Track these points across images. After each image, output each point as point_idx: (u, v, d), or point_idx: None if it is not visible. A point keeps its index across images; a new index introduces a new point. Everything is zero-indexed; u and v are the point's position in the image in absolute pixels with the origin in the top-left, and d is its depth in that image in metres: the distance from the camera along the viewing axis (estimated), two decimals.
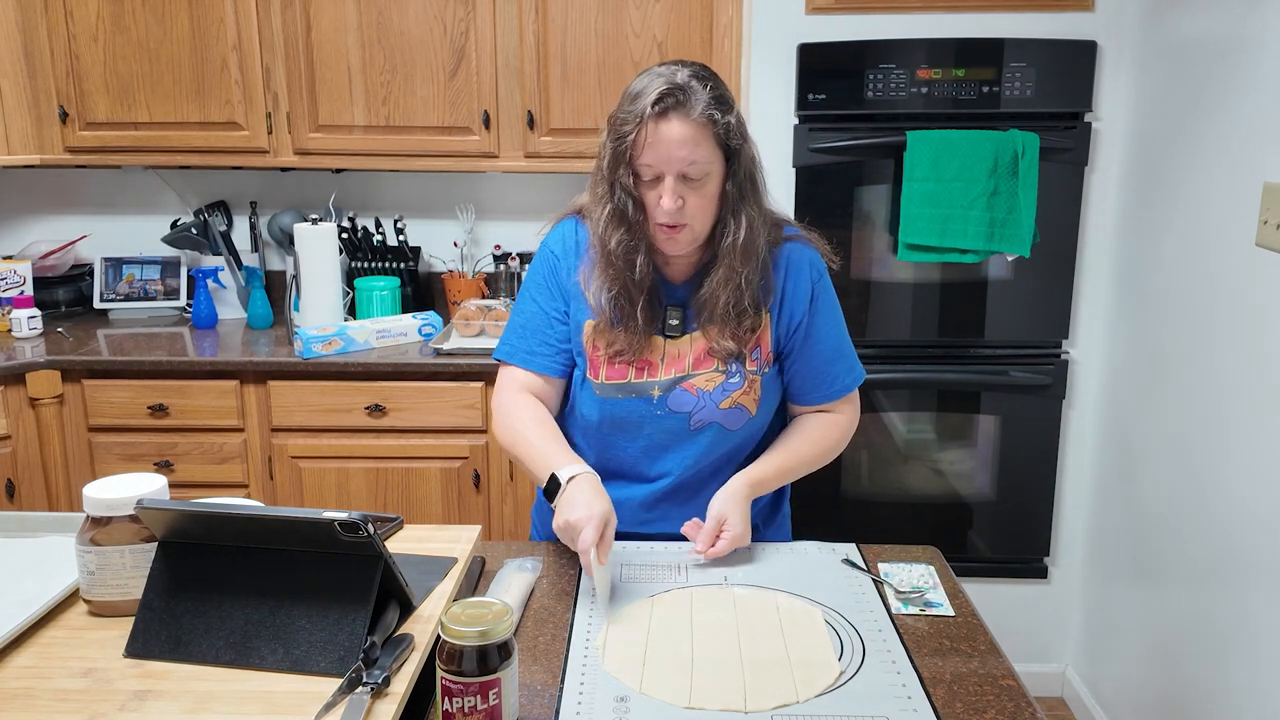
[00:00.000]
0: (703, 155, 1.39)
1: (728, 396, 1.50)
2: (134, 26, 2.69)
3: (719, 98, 1.41)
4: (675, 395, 1.50)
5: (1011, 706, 1.12)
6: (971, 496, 2.71)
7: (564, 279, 1.57)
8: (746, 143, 1.45)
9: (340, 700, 0.99)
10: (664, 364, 1.51)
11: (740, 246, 1.45)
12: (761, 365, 1.52)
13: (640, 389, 1.51)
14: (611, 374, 1.52)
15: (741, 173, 1.44)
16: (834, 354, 1.57)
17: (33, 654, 1.09)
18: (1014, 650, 1.45)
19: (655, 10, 2.63)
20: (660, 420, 1.52)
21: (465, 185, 3.08)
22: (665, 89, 1.38)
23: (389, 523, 1.41)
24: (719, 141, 1.41)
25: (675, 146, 1.38)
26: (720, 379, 1.50)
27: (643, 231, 1.46)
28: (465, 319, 2.70)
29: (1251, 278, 1.93)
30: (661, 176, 1.41)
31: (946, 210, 2.42)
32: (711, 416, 1.51)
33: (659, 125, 1.38)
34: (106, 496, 1.15)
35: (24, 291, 2.87)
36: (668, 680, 1.15)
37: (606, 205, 1.46)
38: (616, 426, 1.54)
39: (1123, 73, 2.46)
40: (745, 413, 1.52)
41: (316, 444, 2.63)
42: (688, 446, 1.53)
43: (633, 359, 1.51)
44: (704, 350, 1.50)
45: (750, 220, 1.45)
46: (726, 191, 1.44)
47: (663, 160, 1.39)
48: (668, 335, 1.52)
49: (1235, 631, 1.97)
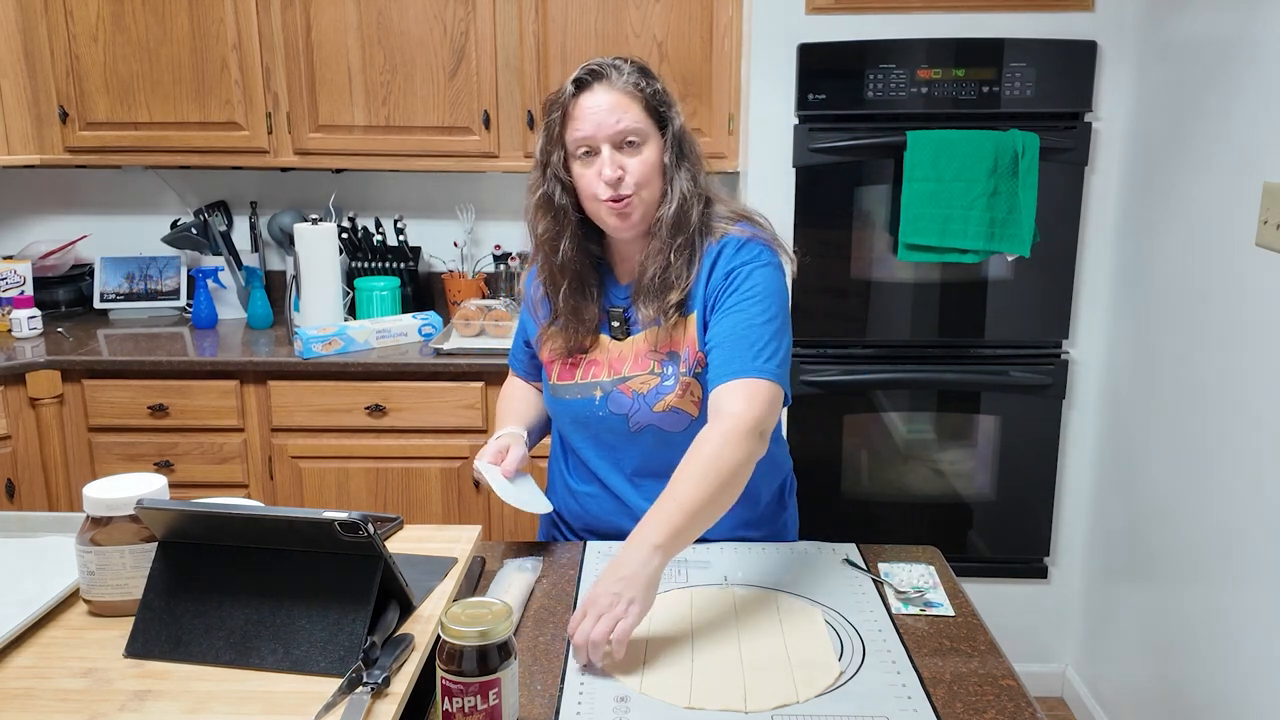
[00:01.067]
0: (633, 119, 1.40)
1: (660, 400, 1.47)
2: (134, 26, 2.69)
3: (643, 71, 1.44)
4: (614, 397, 1.50)
5: (1011, 706, 1.12)
6: (971, 496, 2.71)
7: (531, 292, 1.62)
8: (678, 115, 1.46)
9: (340, 700, 0.99)
10: (608, 365, 1.51)
11: (670, 217, 1.44)
12: (692, 366, 1.46)
13: (585, 389, 1.52)
14: (563, 374, 1.54)
15: (675, 142, 1.44)
16: (737, 336, 1.38)
17: (33, 654, 1.09)
18: (1014, 650, 1.45)
19: (655, 10, 2.63)
20: (604, 421, 1.51)
21: (465, 185, 3.08)
22: (589, 66, 1.43)
23: (389, 523, 1.41)
24: (648, 108, 1.42)
25: (605, 114, 1.40)
26: (655, 381, 1.48)
27: (569, 217, 1.47)
28: (465, 319, 2.70)
29: (1251, 278, 1.93)
30: (597, 150, 1.41)
31: (946, 210, 2.42)
32: (648, 419, 1.48)
33: (583, 97, 1.41)
34: (106, 496, 1.16)
35: (24, 291, 2.87)
36: (668, 680, 1.15)
37: (537, 191, 1.48)
38: (573, 426, 1.57)
39: (1123, 73, 2.46)
40: (686, 416, 1.48)
41: (316, 444, 2.63)
42: (630, 448, 1.52)
43: (572, 358, 1.53)
44: (643, 352, 1.49)
45: (683, 192, 1.44)
46: (664, 163, 1.44)
47: (594, 128, 1.40)
48: (614, 337, 1.52)
49: (1235, 631, 1.97)
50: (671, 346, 1.47)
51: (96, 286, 3.04)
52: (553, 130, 1.44)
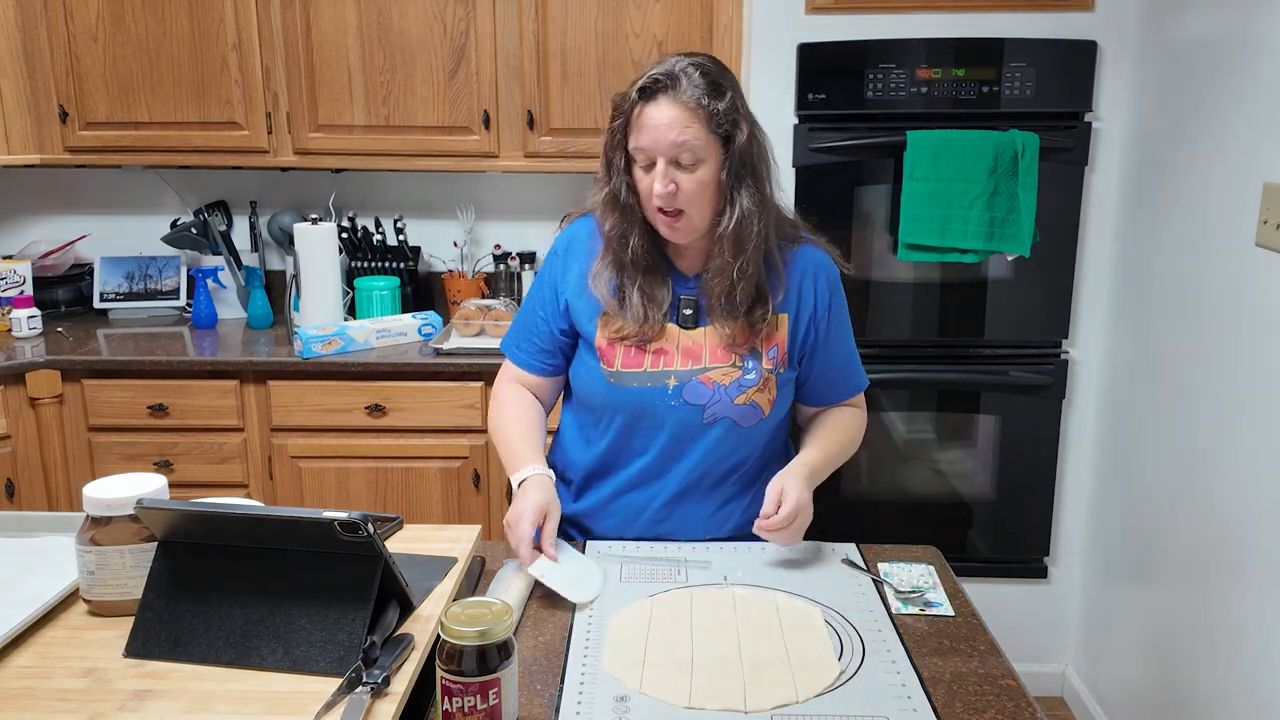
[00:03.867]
0: (692, 138, 1.40)
1: (743, 392, 1.50)
2: (134, 26, 2.69)
3: (714, 84, 1.42)
4: (691, 387, 1.50)
5: (1011, 706, 1.12)
6: (971, 496, 2.71)
7: (559, 278, 1.58)
8: (744, 131, 1.44)
9: (340, 700, 0.99)
10: (680, 354, 1.51)
11: (730, 235, 1.45)
12: (777, 365, 1.52)
13: (656, 378, 1.51)
14: (627, 362, 1.52)
15: (737, 160, 1.44)
16: (849, 356, 1.62)
17: (33, 654, 1.09)
18: (1014, 650, 1.45)
19: (655, 10, 2.63)
20: (674, 411, 1.51)
21: (465, 185, 3.08)
22: (657, 74, 1.41)
23: (389, 523, 1.41)
24: (711, 127, 1.41)
25: (665, 129, 1.40)
26: (736, 374, 1.50)
27: (635, 215, 1.48)
28: (465, 319, 2.70)
29: (1251, 278, 1.93)
30: (655, 161, 1.42)
31: (946, 210, 2.42)
32: (725, 411, 1.50)
33: (647, 107, 1.41)
34: (106, 496, 1.16)
35: (24, 291, 2.87)
36: (668, 680, 1.15)
37: (604, 189, 1.50)
38: (631, 417, 1.54)
39: (1123, 73, 2.46)
40: (758, 412, 1.52)
41: (316, 444, 2.63)
42: (699, 440, 1.53)
43: (643, 344, 1.51)
44: (721, 344, 1.51)
45: (743, 210, 1.44)
46: (721, 180, 1.44)
47: (652, 144, 1.41)
48: (683, 326, 1.52)
49: (1235, 631, 1.97)
50: (752, 343, 1.50)
51: (96, 286, 3.04)
52: (616, 134, 1.47)
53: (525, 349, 1.62)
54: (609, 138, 1.48)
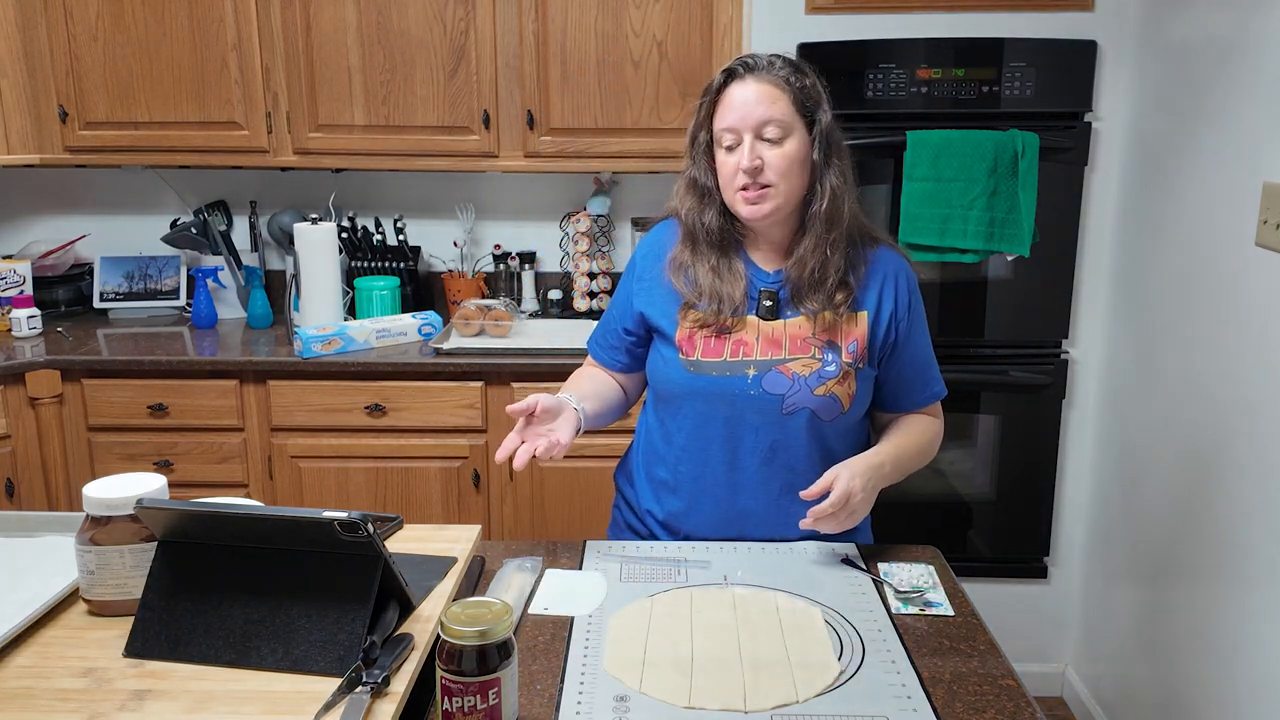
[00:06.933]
0: (779, 113, 1.44)
1: (823, 384, 1.50)
2: (134, 26, 2.69)
3: (797, 68, 1.48)
4: (770, 376, 1.51)
5: (1011, 706, 1.12)
6: (971, 496, 2.71)
7: (633, 279, 1.63)
8: (828, 113, 1.49)
9: (340, 700, 0.99)
10: (760, 345, 1.52)
11: (824, 212, 1.48)
12: (857, 359, 1.52)
13: (735, 367, 1.52)
14: (707, 352, 1.53)
15: (825, 139, 1.48)
16: (927, 360, 1.63)
17: (33, 654, 1.09)
18: (1014, 650, 1.45)
19: (655, 10, 2.63)
20: (753, 400, 1.51)
21: (465, 185, 3.08)
22: (741, 59, 1.48)
23: (389, 523, 1.41)
24: (796, 104, 1.46)
25: (752, 105, 1.44)
26: (816, 365, 1.51)
27: (714, 199, 1.52)
28: (465, 319, 2.70)
29: (1251, 278, 1.93)
30: (740, 140, 1.45)
31: (946, 210, 2.42)
32: (805, 402, 1.50)
33: (733, 86, 1.47)
34: (106, 496, 1.15)
35: (24, 291, 2.87)
36: (668, 680, 1.15)
37: (686, 174, 1.55)
38: (710, 405, 1.53)
39: (1123, 73, 2.46)
40: (838, 405, 1.52)
41: (316, 444, 2.63)
42: (778, 430, 1.52)
43: (722, 334, 1.52)
44: (801, 336, 1.52)
45: (833, 188, 1.48)
46: (812, 159, 1.47)
47: (739, 120, 1.45)
48: (762, 318, 1.53)
49: (1235, 631, 1.97)
50: (831, 336, 1.51)
51: (96, 286, 3.04)
52: (700, 115, 1.51)
53: (602, 344, 1.70)
54: (694, 122, 1.52)
